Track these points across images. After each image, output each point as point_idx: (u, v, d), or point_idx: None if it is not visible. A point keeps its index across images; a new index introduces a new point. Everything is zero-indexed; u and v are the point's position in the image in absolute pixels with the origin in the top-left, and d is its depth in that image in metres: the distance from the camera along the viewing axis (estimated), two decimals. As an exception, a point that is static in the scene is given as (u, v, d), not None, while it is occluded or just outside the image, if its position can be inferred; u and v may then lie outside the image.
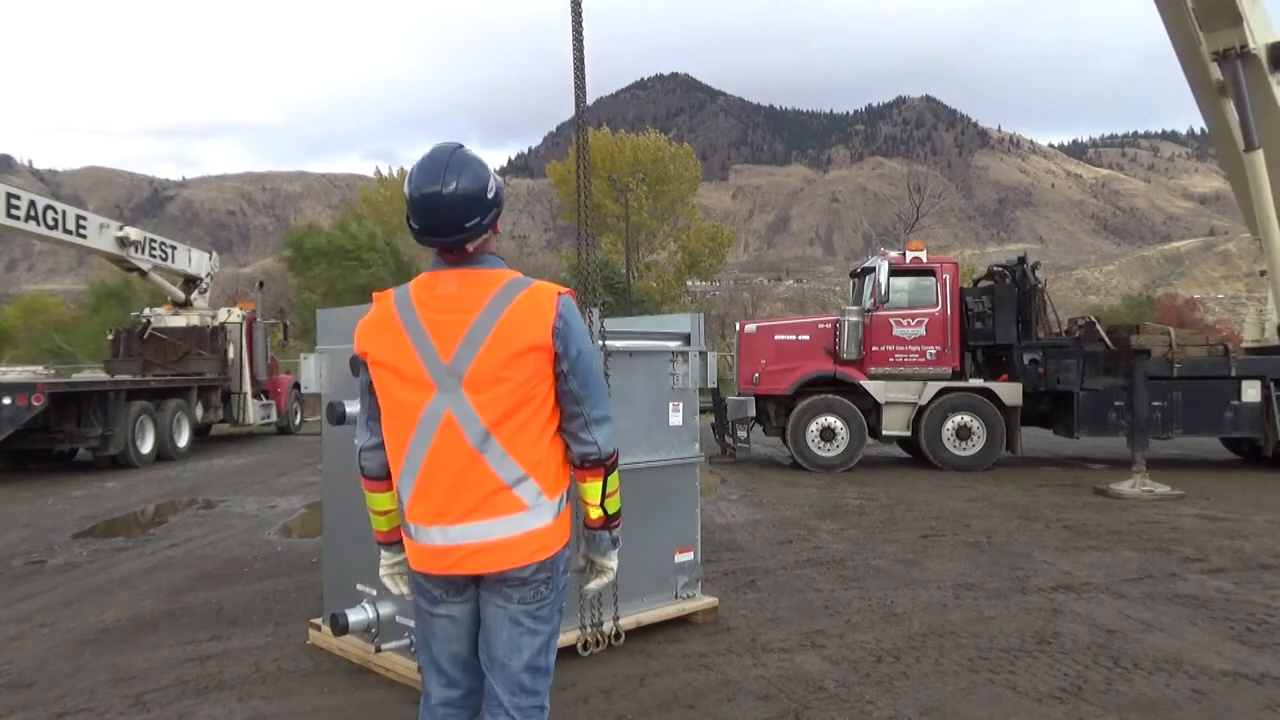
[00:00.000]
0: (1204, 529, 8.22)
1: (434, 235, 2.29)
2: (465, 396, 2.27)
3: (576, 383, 2.35)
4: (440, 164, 2.27)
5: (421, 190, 2.26)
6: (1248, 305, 42.36)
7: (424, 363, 2.29)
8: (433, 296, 2.33)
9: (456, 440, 2.28)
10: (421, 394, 2.30)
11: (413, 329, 2.31)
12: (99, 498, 10.68)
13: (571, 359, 2.34)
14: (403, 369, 2.31)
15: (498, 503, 2.29)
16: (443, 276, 2.34)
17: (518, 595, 2.33)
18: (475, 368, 2.26)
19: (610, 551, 2.55)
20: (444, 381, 2.28)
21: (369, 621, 4.45)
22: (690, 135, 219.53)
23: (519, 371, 2.28)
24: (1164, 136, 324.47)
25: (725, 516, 9.01)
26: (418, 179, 2.27)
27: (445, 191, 2.24)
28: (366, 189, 54.10)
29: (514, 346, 2.27)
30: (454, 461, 2.28)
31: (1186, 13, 12.48)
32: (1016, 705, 4.05)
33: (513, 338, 2.27)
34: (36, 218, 14.01)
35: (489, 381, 2.27)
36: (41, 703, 4.19)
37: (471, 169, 2.29)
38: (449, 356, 2.28)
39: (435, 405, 2.28)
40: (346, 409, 4.35)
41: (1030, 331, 12.76)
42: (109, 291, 34.64)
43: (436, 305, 2.32)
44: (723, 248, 49.28)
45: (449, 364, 2.28)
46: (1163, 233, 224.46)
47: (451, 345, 2.28)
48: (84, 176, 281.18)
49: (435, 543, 2.31)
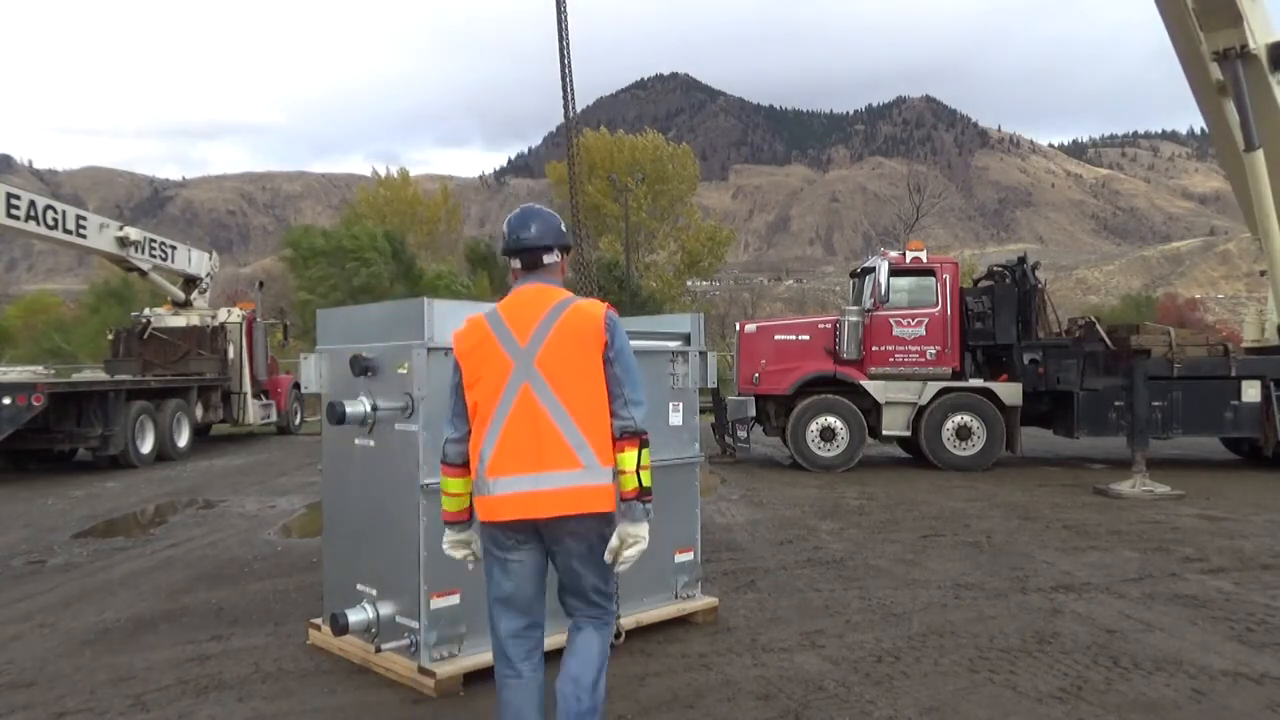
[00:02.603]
0: (1204, 529, 8.22)
1: (528, 254, 3.09)
2: (538, 371, 2.92)
3: (619, 368, 2.99)
4: (532, 211, 3.19)
5: (519, 233, 3.10)
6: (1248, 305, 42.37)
7: (503, 346, 2.96)
8: (515, 300, 3.06)
9: (532, 406, 2.91)
10: (503, 370, 2.94)
11: (496, 325, 3.02)
12: (99, 498, 10.68)
13: (616, 349, 2.99)
14: (487, 354, 2.98)
15: (561, 459, 2.88)
16: (524, 289, 3.08)
17: (579, 539, 2.93)
18: (545, 349, 2.93)
19: (643, 522, 2.97)
20: (520, 359, 2.94)
21: (369, 621, 4.45)
22: (690, 135, 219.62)
23: (578, 355, 2.94)
24: (1164, 136, 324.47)
25: (725, 516, 9.01)
26: (517, 224, 3.12)
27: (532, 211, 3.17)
28: (366, 189, 54.11)
29: (574, 335, 2.95)
30: (529, 424, 2.90)
31: (1187, 13, 12.47)
32: (1016, 705, 4.05)
33: (574, 329, 2.96)
34: (36, 218, 14.02)
35: (556, 360, 2.92)
36: (41, 703, 4.19)
37: (544, 216, 3.16)
38: (525, 340, 2.95)
39: (515, 379, 2.93)
40: (347, 409, 4.36)
41: (1030, 331, 12.76)
42: (109, 291, 34.69)
43: (517, 304, 3.04)
44: (722, 247, 49.30)
45: (524, 346, 2.95)
46: (1163, 233, 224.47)
47: (526, 332, 2.96)
48: (84, 176, 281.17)
49: (512, 491, 2.87)
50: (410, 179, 54.04)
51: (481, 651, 4.38)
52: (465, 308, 4.63)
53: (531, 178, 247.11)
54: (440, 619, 4.26)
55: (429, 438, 4.28)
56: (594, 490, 2.89)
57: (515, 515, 2.89)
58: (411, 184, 53.06)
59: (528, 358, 2.93)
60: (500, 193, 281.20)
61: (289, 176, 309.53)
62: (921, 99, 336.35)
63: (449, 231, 53.15)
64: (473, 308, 4.67)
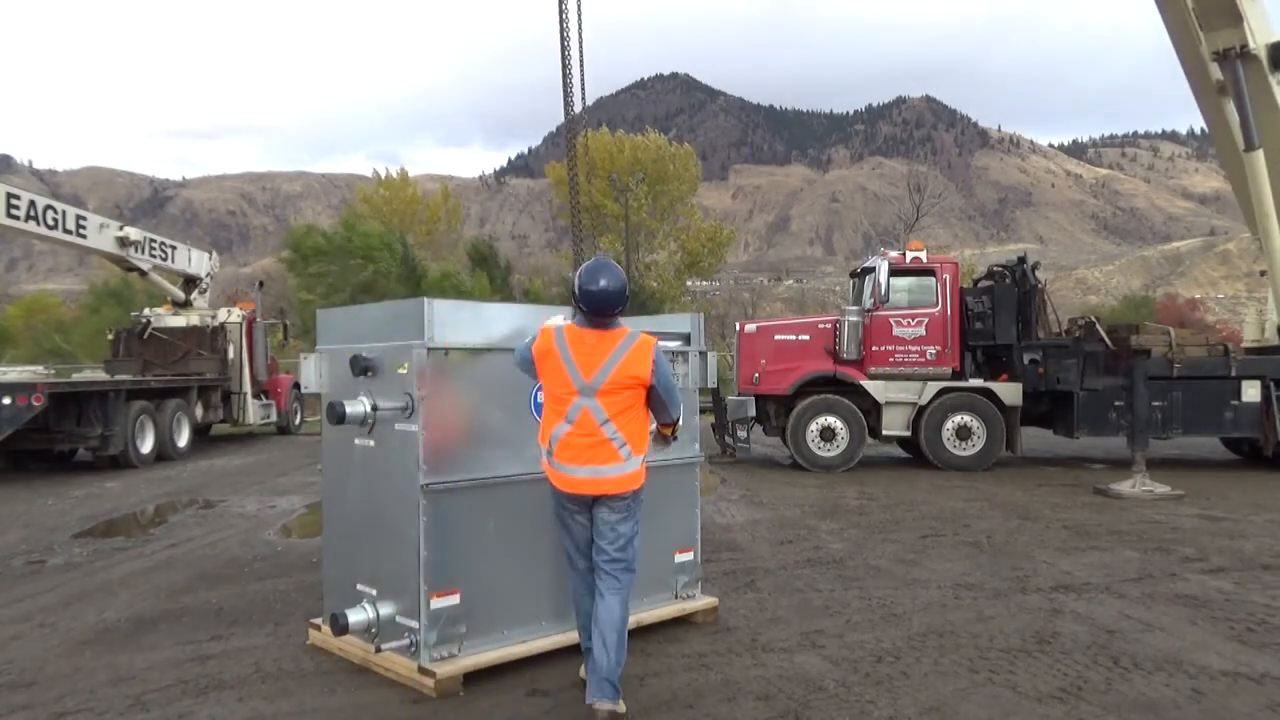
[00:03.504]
0: (1204, 529, 8.22)
1: (599, 315, 3.97)
2: (596, 400, 3.92)
3: (661, 391, 4.05)
4: (601, 267, 4.00)
5: (587, 287, 3.93)
6: (1248, 305, 42.34)
7: (572, 380, 3.93)
8: (581, 343, 3.96)
9: (590, 422, 3.93)
10: (569, 393, 3.94)
11: (565, 357, 3.94)
12: (99, 498, 10.68)
13: (659, 377, 4.02)
14: (559, 380, 3.96)
15: (609, 456, 3.95)
16: (587, 333, 3.98)
17: (616, 509, 4.02)
18: (605, 385, 3.92)
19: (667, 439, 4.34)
20: (584, 390, 3.92)
21: (369, 621, 4.45)
22: (690, 135, 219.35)
23: (628, 387, 3.96)
24: (1164, 136, 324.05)
25: (725, 516, 9.01)
26: (586, 279, 3.93)
27: (605, 288, 3.94)
28: (365, 189, 54.07)
29: (628, 375, 3.95)
30: (587, 434, 3.93)
31: (1187, 13, 12.47)
32: (1016, 705, 4.05)
33: (628, 369, 3.95)
34: (36, 218, 14.02)
35: (610, 393, 3.93)
36: (41, 703, 4.19)
37: (615, 272, 4.01)
38: (589, 378, 3.92)
39: (578, 403, 3.93)
40: (347, 409, 4.36)
41: (1030, 331, 12.76)
42: (109, 291, 34.63)
43: (583, 348, 3.95)
44: (723, 247, 49.23)
45: (588, 381, 3.92)
46: (1163, 233, 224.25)
47: (591, 371, 3.92)
48: (84, 176, 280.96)
49: (574, 475, 3.96)
50: (410, 179, 53.97)
51: (481, 651, 4.39)
52: (465, 307, 4.64)
53: (531, 178, 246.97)
54: (440, 619, 4.26)
55: (429, 437, 4.28)
56: (629, 476, 3.99)
57: (577, 491, 3.99)
58: (411, 184, 53.02)
59: (591, 391, 3.92)
60: (500, 193, 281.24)
61: (289, 176, 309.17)
62: (921, 99, 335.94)
63: (449, 231, 53.13)
64: (473, 307, 4.68)
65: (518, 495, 4.59)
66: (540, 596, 4.68)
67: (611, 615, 3.95)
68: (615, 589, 4.00)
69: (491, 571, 4.49)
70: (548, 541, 4.70)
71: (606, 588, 4.00)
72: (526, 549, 4.64)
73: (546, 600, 4.69)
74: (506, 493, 4.56)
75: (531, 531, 4.64)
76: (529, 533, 4.64)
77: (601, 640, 3.91)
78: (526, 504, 4.62)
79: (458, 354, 4.42)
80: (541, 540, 4.67)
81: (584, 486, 3.97)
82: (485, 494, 4.48)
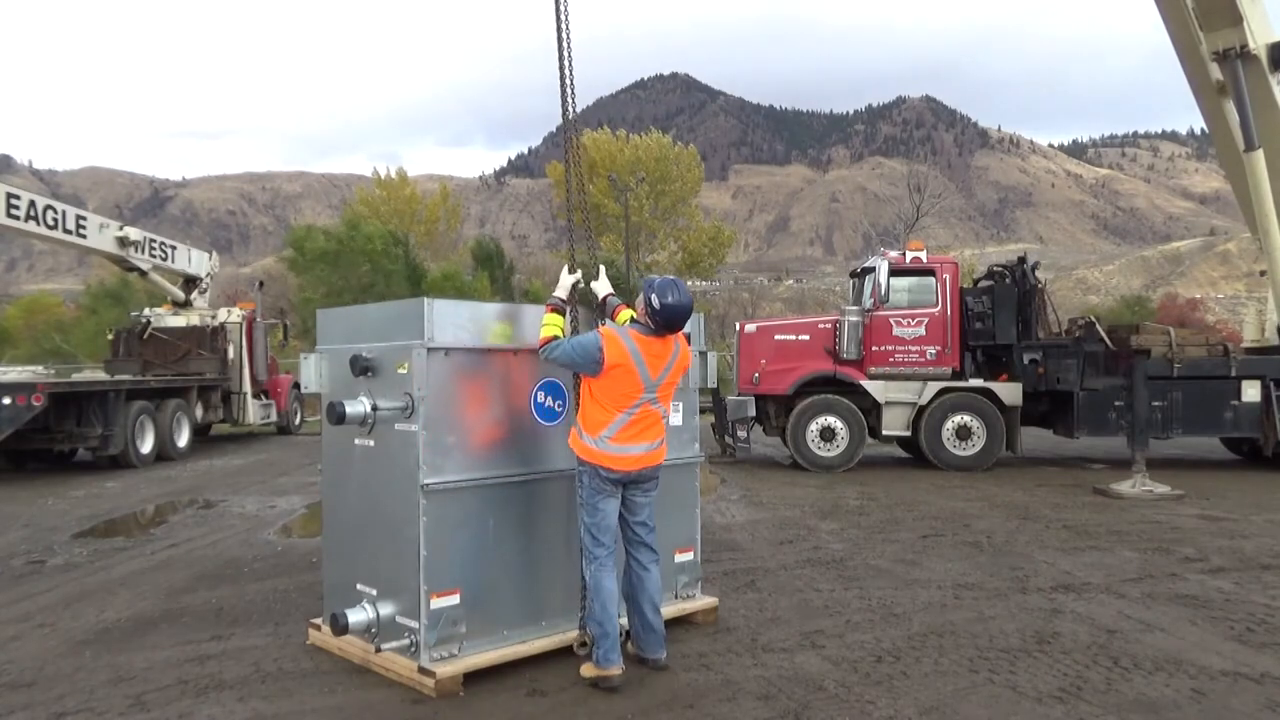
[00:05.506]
0: (1204, 529, 8.22)
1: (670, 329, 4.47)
2: (657, 396, 4.49)
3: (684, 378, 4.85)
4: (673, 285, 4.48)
5: (666, 302, 4.37)
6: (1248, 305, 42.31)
7: (640, 378, 4.39)
8: (649, 349, 4.42)
9: (649, 411, 4.47)
10: (637, 391, 4.40)
11: (637, 360, 4.38)
12: (99, 498, 10.68)
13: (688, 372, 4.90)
14: (630, 384, 4.38)
15: (658, 433, 4.53)
16: (653, 341, 4.44)
17: (649, 487, 4.57)
18: (665, 382, 4.51)
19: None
20: (649, 388, 4.43)
21: (369, 621, 4.45)
22: (690, 135, 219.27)
23: (673, 384, 4.60)
24: (1164, 136, 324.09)
25: (725, 516, 9.01)
26: (663, 295, 4.38)
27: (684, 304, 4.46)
28: (364, 189, 54.07)
29: (679, 372, 4.61)
30: (647, 418, 4.47)
31: (1186, 13, 12.47)
32: (1016, 705, 4.05)
33: (679, 368, 4.59)
34: (36, 218, 14.01)
35: (665, 386, 4.52)
36: (41, 703, 4.19)
37: (686, 290, 4.52)
38: (655, 375, 4.44)
39: (642, 398, 4.43)
40: (347, 409, 4.36)
41: (1030, 331, 12.75)
42: (109, 291, 34.64)
43: (651, 355, 4.42)
44: (723, 248, 49.28)
45: (654, 379, 4.44)
46: (1163, 233, 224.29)
47: (658, 371, 4.44)
48: (84, 176, 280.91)
49: (632, 453, 4.40)
50: (408, 179, 53.96)
51: (481, 651, 4.39)
52: (465, 307, 4.64)
53: (531, 178, 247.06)
54: (440, 619, 4.26)
55: (429, 437, 4.28)
56: (664, 450, 4.62)
57: (635, 467, 4.44)
58: (409, 184, 53.01)
59: (654, 387, 4.44)
60: (500, 193, 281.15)
61: (289, 176, 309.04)
62: (921, 99, 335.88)
63: (449, 231, 53.13)
64: (473, 307, 4.68)
65: (517, 495, 4.60)
66: (540, 596, 4.68)
67: (656, 583, 4.57)
68: (654, 560, 4.59)
69: (491, 571, 4.49)
70: (547, 542, 4.70)
71: (648, 559, 4.56)
72: (526, 549, 4.64)
73: (546, 600, 4.69)
74: (506, 493, 4.56)
75: (531, 531, 4.64)
76: (529, 533, 4.64)
77: (652, 605, 4.51)
78: (526, 504, 4.62)
79: (458, 354, 4.42)
80: (541, 540, 4.68)
81: (641, 461, 4.45)
82: (485, 494, 4.48)
